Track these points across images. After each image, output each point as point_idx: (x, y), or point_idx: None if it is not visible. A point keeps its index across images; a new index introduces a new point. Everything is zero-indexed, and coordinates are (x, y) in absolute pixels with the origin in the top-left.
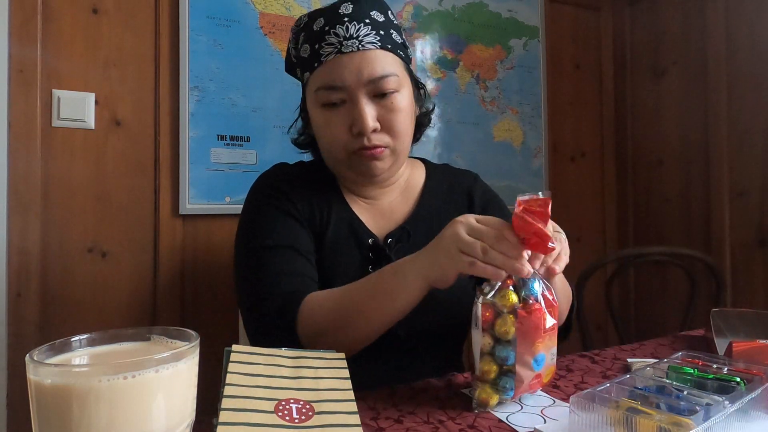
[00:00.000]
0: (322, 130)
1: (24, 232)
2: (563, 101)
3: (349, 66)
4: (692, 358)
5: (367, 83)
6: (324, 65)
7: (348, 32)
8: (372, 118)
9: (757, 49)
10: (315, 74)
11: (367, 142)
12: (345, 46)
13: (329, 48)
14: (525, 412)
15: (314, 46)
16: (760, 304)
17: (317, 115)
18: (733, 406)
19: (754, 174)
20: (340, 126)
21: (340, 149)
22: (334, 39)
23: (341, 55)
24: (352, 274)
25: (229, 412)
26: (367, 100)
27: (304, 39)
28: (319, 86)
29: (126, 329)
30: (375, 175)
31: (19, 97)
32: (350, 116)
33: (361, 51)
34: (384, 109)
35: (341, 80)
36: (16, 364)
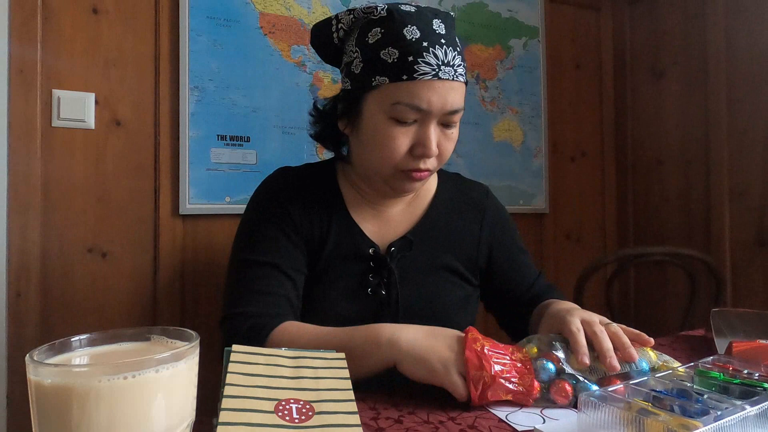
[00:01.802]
0: (381, 143)
1: (24, 232)
2: (563, 101)
3: (440, 93)
4: (724, 363)
5: (446, 114)
6: (416, 83)
7: (446, 58)
8: (436, 144)
9: (757, 49)
10: (399, 86)
11: (423, 165)
12: (443, 71)
13: (427, 68)
14: (525, 412)
15: (407, 58)
16: (760, 304)
17: (382, 125)
18: (751, 410)
19: (754, 174)
20: (403, 144)
21: (392, 165)
22: (433, 60)
23: (437, 80)
24: (353, 283)
25: (229, 412)
26: (435, 126)
27: (387, 38)
28: (402, 101)
29: (126, 329)
30: (409, 192)
31: (19, 97)
32: (416, 137)
33: (453, 81)
34: (444, 137)
35: (428, 105)
36: (16, 364)
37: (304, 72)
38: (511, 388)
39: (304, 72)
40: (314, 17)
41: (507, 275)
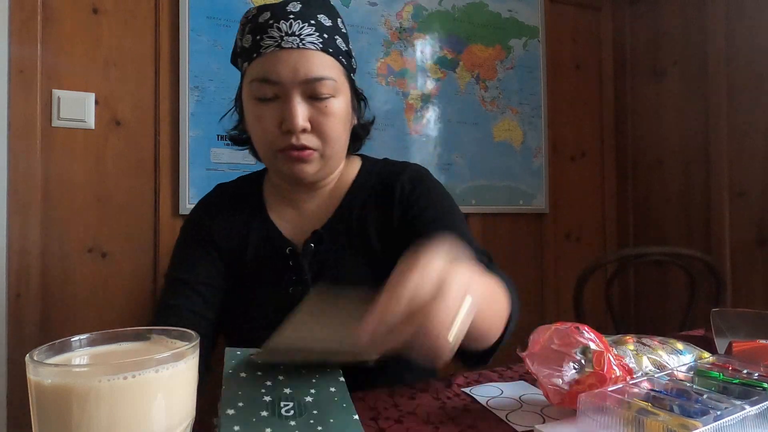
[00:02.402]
0: (253, 125)
1: (24, 232)
2: (563, 101)
3: (286, 62)
4: (724, 363)
5: (302, 82)
6: (262, 57)
7: (291, 29)
8: (303, 117)
9: (757, 49)
10: (252, 65)
11: (295, 141)
12: (285, 41)
13: (270, 41)
14: (524, 410)
15: (256, 38)
16: (760, 304)
17: (250, 108)
18: (751, 410)
19: (754, 174)
20: (270, 121)
21: (268, 146)
22: (276, 33)
23: (280, 50)
24: (274, 284)
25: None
26: (301, 100)
27: (249, 30)
28: (254, 78)
29: (126, 329)
30: (300, 178)
31: (19, 97)
32: (281, 113)
33: (300, 49)
34: (317, 111)
35: (276, 75)
36: (16, 364)
37: None
38: None
39: None
40: None
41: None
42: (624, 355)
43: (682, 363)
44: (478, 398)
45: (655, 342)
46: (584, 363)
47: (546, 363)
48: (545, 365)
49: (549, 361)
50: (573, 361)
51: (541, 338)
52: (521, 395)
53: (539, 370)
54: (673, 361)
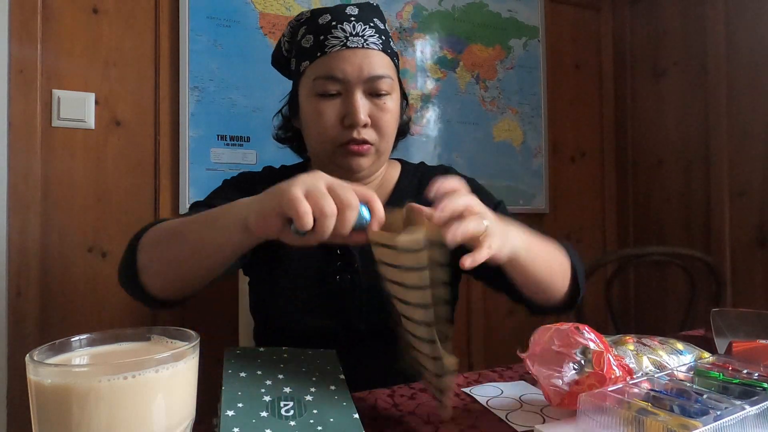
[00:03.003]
0: (313, 120)
1: (24, 231)
2: (563, 101)
3: (352, 60)
4: (724, 363)
5: (365, 80)
6: (327, 56)
7: (354, 30)
8: (364, 112)
9: (757, 49)
10: (316, 64)
11: (356, 135)
12: (351, 41)
13: (335, 41)
14: (524, 410)
15: (319, 38)
16: (760, 304)
17: (310, 105)
18: (750, 410)
19: (754, 174)
20: (332, 116)
21: (329, 140)
22: (341, 33)
23: (346, 49)
24: (317, 269)
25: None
26: (362, 96)
27: (307, 30)
28: (319, 75)
29: (126, 329)
30: (356, 171)
31: (19, 97)
32: (344, 108)
33: (364, 48)
34: (376, 107)
35: (342, 73)
36: (16, 364)
37: None
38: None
39: None
40: None
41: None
42: (624, 355)
43: (682, 363)
44: (478, 398)
45: (655, 342)
46: (584, 363)
47: (546, 364)
48: (545, 366)
49: (549, 362)
50: (573, 362)
51: (541, 339)
52: (521, 395)
53: (539, 371)
54: (673, 361)
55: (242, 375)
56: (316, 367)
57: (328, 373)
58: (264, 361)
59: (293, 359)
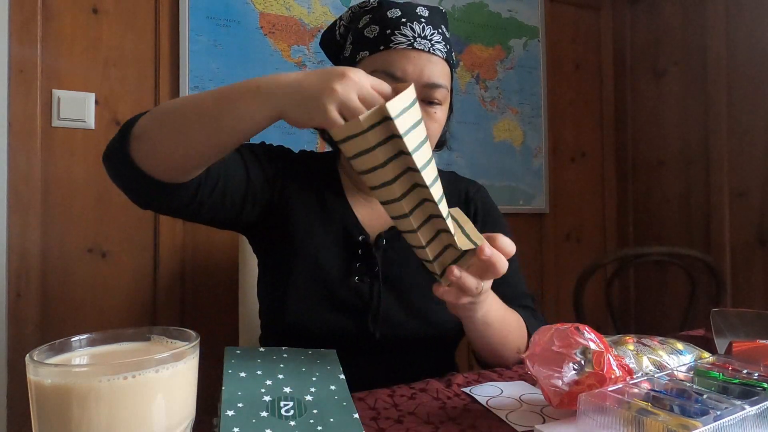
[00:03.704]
0: None
1: (24, 232)
2: (563, 101)
3: (416, 62)
4: (724, 363)
5: (423, 85)
6: (391, 51)
7: (423, 32)
8: None
9: (757, 49)
10: (376, 56)
11: None
12: (418, 42)
13: (402, 38)
14: (524, 410)
15: (386, 31)
16: (760, 304)
17: None
18: (750, 410)
19: (754, 174)
20: None
21: None
22: (409, 32)
23: (412, 49)
24: (338, 268)
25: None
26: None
27: (372, 20)
28: (378, 69)
29: (126, 329)
30: None
31: (19, 97)
32: None
33: (429, 53)
34: (426, 115)
35: (403, 72)
36: (16, 364)
37: None
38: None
39: None
40: (314, 17)
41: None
42: (624, 356)
43: (682, 363)
44: (478, 398)
45: (655, 342)
46: (584, 363)
47: (546, 364)
48: (545, 366)
49: (549, 362)
50: (573, 362)
51: (541, 339)
52: (521, 395)
53: (539, 371)
54: (673, 361)
55: (242, 375)
56: (316, 367)
57: (328, 373)
58: (264, 361)
59: (293, 359)
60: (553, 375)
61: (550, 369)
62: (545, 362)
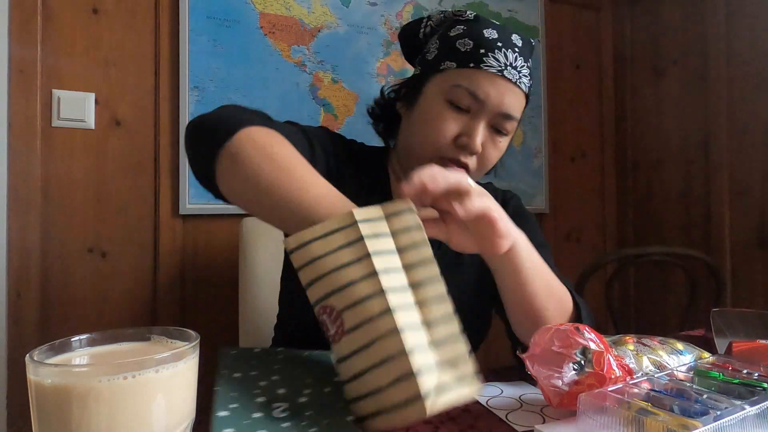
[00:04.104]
0: (431, 121)
1: (24, 232)
2: (563, 101)
3: (500, 90)
4: (724, 363)
5: (498, 114)
6: (481, 72)
7: (515, 62)
8: (481, 141)
9: (757, 49)
10: (463, 72)
11: (463, 158)
12: (507, 71)
13: (494, 62)
14: (524, 410)
15: (479, 50)
16: (760, 304)
17: (435, 105)
18: (750, 410)
19: (754, 174)
20: (451, 128)
21: (434, 148)
22: (502, 59)
23: (501, 76)
24: None
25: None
26: (485, 125)
27: (466, 33)
28: (462, 85)
29: (126, 329)
30: None
31: (19, 97)
32: (464, 126)
33: (514, 84)
34: (491, 142)
35: (485, 95)
36: (16, 364)
37: (304, 72)
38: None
39: (304, 72)
40: (314, 17)
41: None
42: (624, 356)
43: (682, 363)
44: (478, 398)
45: (655, 342)
46: (584, 363)
47: (546, 364)
48: (545, 367)
49: (549, 362)
50: (573, 362)
51: (541, 340)
52: (521, 395)
53: (539, 371)
54: (673, 361)
55: (236, 376)
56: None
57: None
58: (259, 362)
59: (289, 360)
60: (553, 375)
61: (550, 369)
62: (545, 362)
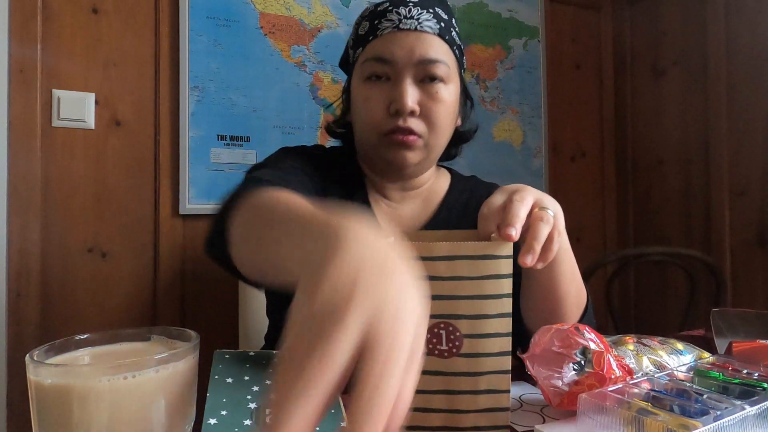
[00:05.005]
0: (360, 106)
1: (24, 232)
2: (563, 101)
3: (403, 42)
4: (724, 363)
5: (416, 63)
6: (378, 38)
7: (410, 14)
8: (412, 98)
9: (757, 49)
10: (367, 48)
11: (402, 123)
12: (403, 23)
13: (387, 23)
14: (524, 410)
15: (373, 22)
16: (760, 304)
17: (359, 91)
18: (750, 410)
19: (754, 174)
20: (378, 102)
21: (373, 128)
22: (395, 17)
23: (398, 31)
24: None
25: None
26: (412, 82)
27: (366, 18)
28: (368, 57)
29: (126, 329)
30: (403, 166)
31: (19, 97)
32: (391, 94)
33: (417, 31)
34: (427, 96)
35: (391, 54)
36: (16, 364)
37: (304, 72)
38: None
39: (304, 72)
40: (314, 17)
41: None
42: (624, 356)
43: (682, 363)
44: None
45: (655, 342)
46: (584, 363)
47: (546, 365)
48: (545, 367)
49: (549, 362)
50: (573, 362)
51: (541, 340)
52: (521, 395)
53: (539, 371)
54: (673, 361)
55: (229, 381)
56: None
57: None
58: (253, 366)
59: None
60: (553, 375)
61: (550, 369)
62: (545, 362)
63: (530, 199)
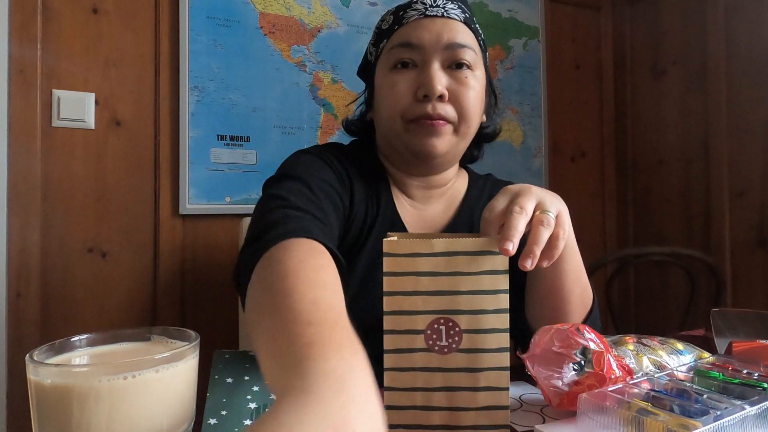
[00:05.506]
0: (387, 94)
1: (24, 232)
2: (563, 101)
3: (430, 28)
4: (724, 363)
5: (444, 47)
6: (404, 26)
7: (435, 2)
8: (441, 83)
9: (757, 49)
10: (393, 37)
11: (431, 109)
12: (430, 10)
13: (413, 12)
14: (524, 410)
15: (399, 13)
16: (760, 304)
17: (384, 80)
18: (750, 410)
19: (754, 174)
20: (405, 88)
21: (399, 115)
22: (420, 6)
23: (425, 17)
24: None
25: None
26: (440, 67)
27: (391, 14)
28: (395, 44)
29: (126, 329)
30: (431, 155)
31: (19, 97)
32: (418, 80)
33: (444, 18)
34: (456, 81)
35: (418, 39)
36: (16, 364)
37: (304, 72)
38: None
39: (304, 72)
40: (314, 17)
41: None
42: (624, 356)
43: (682, 363)
44: None
45: (655, 342)
46: (584, 363)
47: (546, 365)
48: (545, 367)
49: (549, 362)
50: (573, 362)
51: (541, 340)
52: (521, 395)
53: (539, 371)
54: (673, 361)
55: (228, 381)
56: None
57: None
58: (253, 366)
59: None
60: (553, 375)
61: (550, 369)
62: (545, 362)
63: (531, 205)
